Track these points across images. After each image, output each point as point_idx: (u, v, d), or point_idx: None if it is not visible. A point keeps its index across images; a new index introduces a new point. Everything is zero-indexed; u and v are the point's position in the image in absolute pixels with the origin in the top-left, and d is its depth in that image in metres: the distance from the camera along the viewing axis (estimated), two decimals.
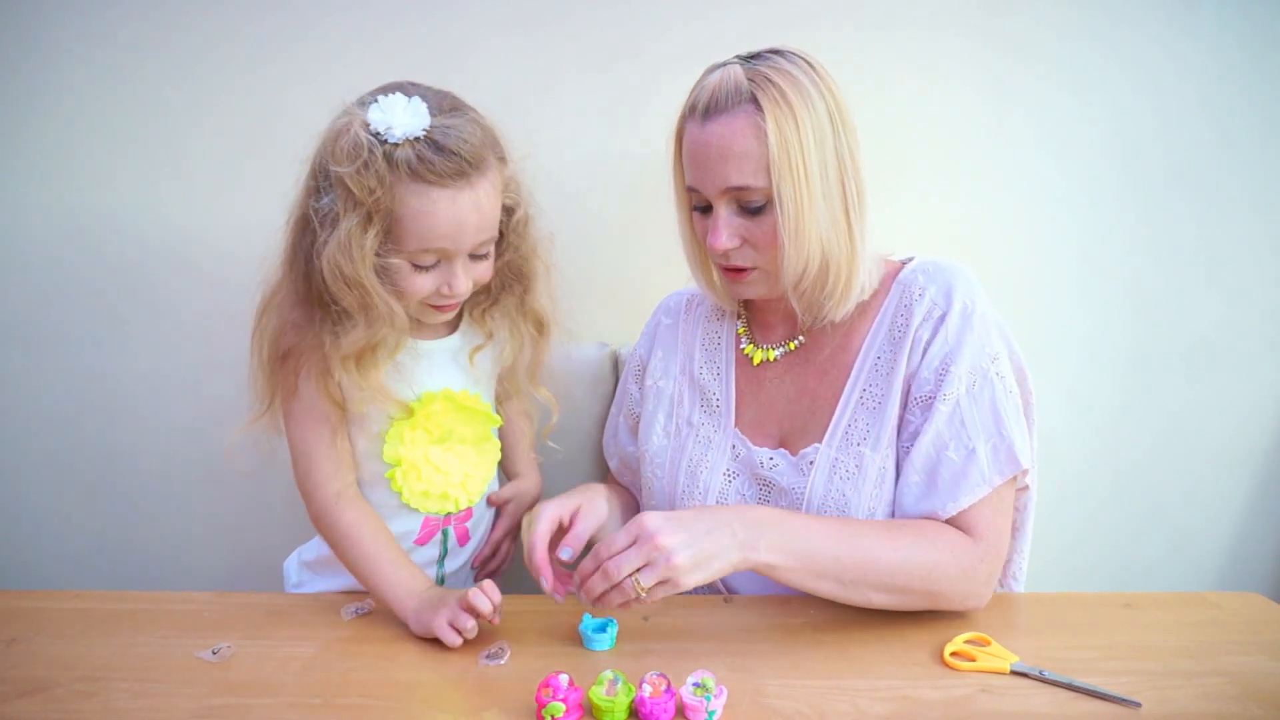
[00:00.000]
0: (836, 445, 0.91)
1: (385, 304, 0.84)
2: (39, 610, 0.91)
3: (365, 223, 0.80)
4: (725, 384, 1.01)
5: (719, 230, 0.88)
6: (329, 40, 1.23)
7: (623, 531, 0.76)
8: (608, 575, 0.75)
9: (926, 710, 0.71)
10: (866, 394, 0.92)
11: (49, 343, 1.32)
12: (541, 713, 0.69)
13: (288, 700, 0.74)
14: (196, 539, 1.37)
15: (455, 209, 0.82)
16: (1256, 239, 1.29)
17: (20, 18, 1.24)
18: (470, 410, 0.98)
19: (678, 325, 1.08)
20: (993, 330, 0.91)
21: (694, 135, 0.88)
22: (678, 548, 0.74)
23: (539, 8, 1.23)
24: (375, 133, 0.80)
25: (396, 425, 0.94)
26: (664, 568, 0.74)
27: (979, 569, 0.85)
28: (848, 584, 0.81)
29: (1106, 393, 1.34)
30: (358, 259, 0.81)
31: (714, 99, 0.86)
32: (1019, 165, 1.27)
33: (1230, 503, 1.38)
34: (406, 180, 0.80)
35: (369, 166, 0.79)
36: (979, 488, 0.86)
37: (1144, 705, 0.71)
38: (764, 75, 0.85)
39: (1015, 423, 0.88)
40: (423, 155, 0.80)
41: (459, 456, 0.98)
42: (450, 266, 0.86)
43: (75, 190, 1.28)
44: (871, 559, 0.81)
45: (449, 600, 0.83)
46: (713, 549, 0.76)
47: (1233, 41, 1.23)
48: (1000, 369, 0.89)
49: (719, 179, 0.86)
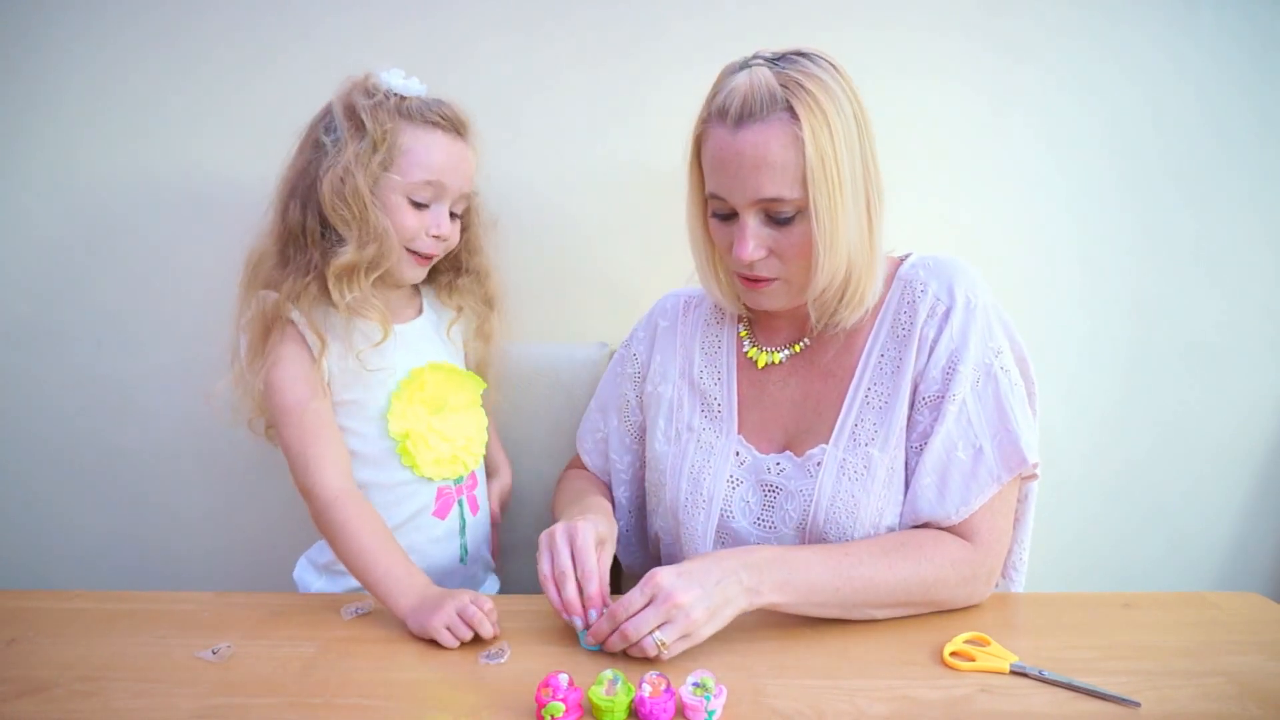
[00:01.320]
0: (844, 446, 0.91)
1: (377, 219, 0.93)
2: (39, 610, 0.91)
3: (371, 149, 0.92)
4: (727, 388, 1.00)
5: (746, 241, 0.86)
6: (328, 41, 1.23)
7: (637, 591, 0.77)
8: (626, 637, 0.76)
9: (926, 710, 0.71)
10: (872, 393, 0.92)
11: (49, 343, 1.32)
12: (541, 713, 0.69)
13: (288, 700, 0.74)
14: (197, 539, 1.37)
15: (452, 150, 0.97)
16: (1256, 239, 1.29)
17: (20, 18, 1.24)
18: (459, 376, 1.06)
19: (675, 328, 1.06)
20: (995, 323, 0.91)
21: (723, 142, 0.84)
22: (694, 604, 0.75)
23: (536, 7, 1.23)
24: (388, 87, 0.95)
25: (395, 403, 0.98)
26: (684, 624, 0.75)
27: (978, 573, 0.86)
28: (850, 608, 0.83)
29: (1106, 393, 1.34)
30: (360, 174, 0.91)
31: (746, 105, 0.82)
32: (1019, 165, 1.27)
33: (1230, 503, 1.38)
34: (417, 121, 0.95)
35: (382, 106, 0.93)
36: (989, 487, 0.86)
37: (1143, 705, 0.71)
38: (796, 81, 0.82)
39: (1021, 417, 0.88)
40: (429, 104, 0.96)
41: (457, 423, 1.05)
42: (439, 207, 0.98)
43: (75, 190, 1.28)
44: (872, 586, 0.82)
45: (447, 603, 0.83)
46: (722, 599, 0.77)
47: (1232, 41, 1.23)
48: (1004, 362, 0.89)
49: (751, 190, 0.84)
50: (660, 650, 0.75)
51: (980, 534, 0.87)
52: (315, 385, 0.95)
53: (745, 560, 0.80)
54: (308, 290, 0.93)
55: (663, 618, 0.75)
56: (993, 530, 0.88)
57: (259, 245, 0.98)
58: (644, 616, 0.75)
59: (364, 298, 0.94)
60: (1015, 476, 0.88)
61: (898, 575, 0.82)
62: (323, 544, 1.05)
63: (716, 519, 0.95)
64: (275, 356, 0.94)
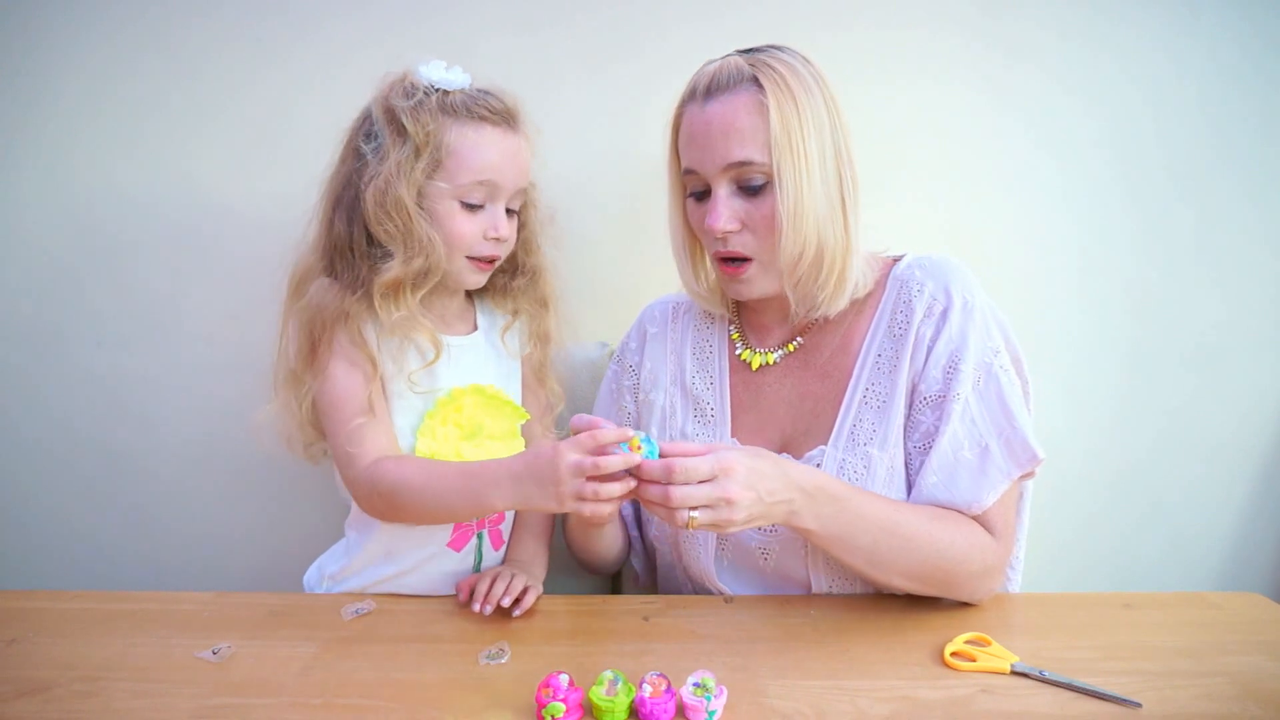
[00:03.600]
0: (843, 446, 0.91)
1: (424, 230, 0.88)
2: (39, 610, 0.90)
3: (415, 154, 0.87)
4: (719, 392, 0.99)
5: (718, 210, 0.87)
6: (332, 42, 1.23)
7: (705, 460, 0.75)
8: (669, 500, 0.73)
9: (926, 710, 0.71)
10: (870, 393, 0.92)
11: (49, 343, 1.32)
12: (541, 713, 0.69)
13: (288, 700, 0.74)
14: (197, 539, 1.37)
15: (505, 144, 0.91)
16: (1256, 239, 1.29)
17: (20, 18, 1.24)
18: (499, 404, 0.98)
19: (665, 334, 1.06)
20: (991, 323, 0.91)
21: (694, 115, 0.88)
22: (743, 504, 0.75)
23: (540, 8, 1.23)
24: (429, 82, 0.89)
25: (428, 421, 0.94)
26: (722, 516, 0.74)
27: (996, 566, 0.87)
28: (875, 564, 0.83)
29: (1106, 392, 1.34)
30: (404, 184, 0.86)
31: (715, 80, 0.87)
32: (1019, 165, 1.27)
33: (1230, 503, 1.38)
34: (462, 118, 0.89)
35: (423, 106, 0.87)
36: (1000, 483, 0.87)
37: (1144, 705, 0.71)
38: (764, 61, 0.87)
39: (1023, 414, 0.88)
40: (475, 97, 0.90)
41: (489, 452, 0.97)
42: (495, 207, 0.92)
43: (75, 190, 1.28)
44: (911, 544, 0.82)
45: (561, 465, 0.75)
46: (763, 511, 0.77)
47: (1233, 42, 1.23)
48: (1003, 362, 0.89)
49: (720, 155, 0.86)
50: (687, 525, 0.74)
51: (997, 528, 0.87)
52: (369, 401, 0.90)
53: (806, 482, 0.79)
54: (357, 306, 0.89)
55: (711, 501, 0.74)
56: (1008, 525, 0.89)
57: (303, 261, 0.94)
58: (697, 491, 0.74)
59: (410, 317, 0.89)
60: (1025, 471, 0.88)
61: (935, 540, 0.83)
62: (334, 552, 1.03)
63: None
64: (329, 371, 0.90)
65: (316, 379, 0.92)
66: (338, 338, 0.91)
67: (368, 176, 0.88)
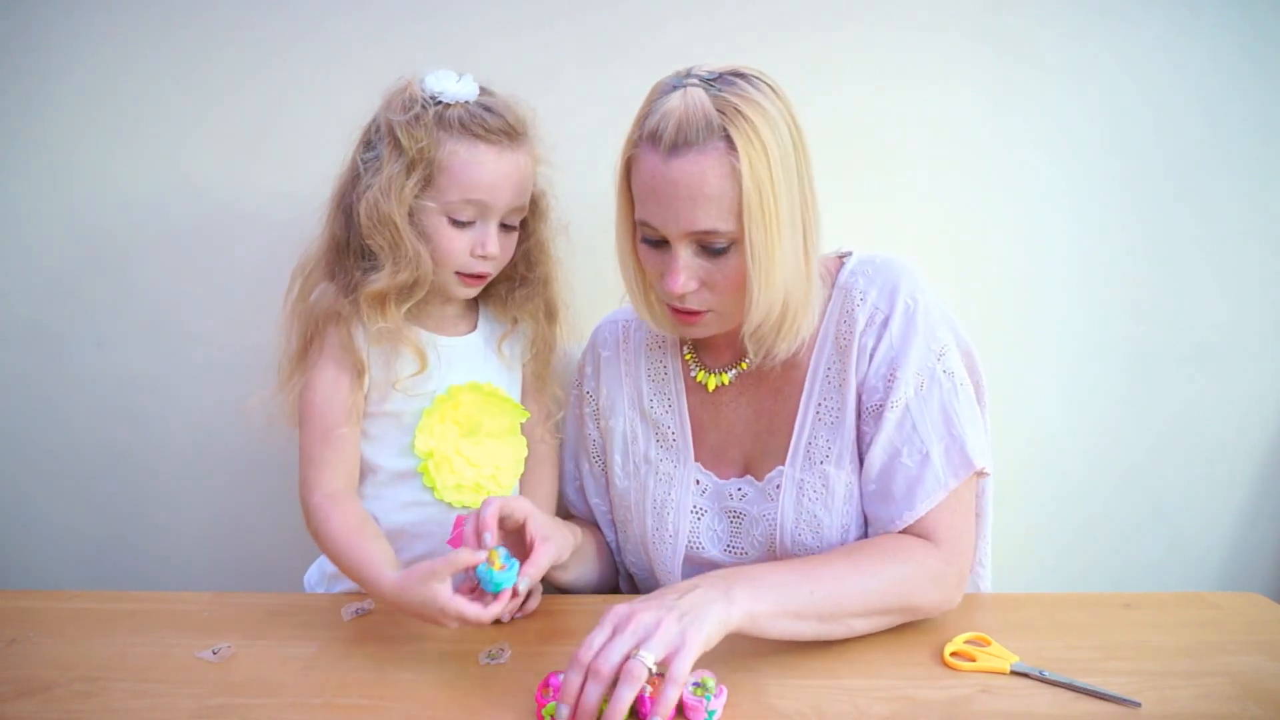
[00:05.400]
0: (800, 465, 0.90)
1: (412, 246, 0.88)
2: (39, 610, 0.91)
3: (407, 170, 0.87)
4: (678, 415, 0.98)
5: (677, 274, 0.82)
6: (332, 42, 1.23)
7: (596, 628, 0.69)
8: (600, 674, 0.65)
9: (926, 710, 0.71)
10: (823, 408, 0.90)
11: (49, 343, 1.32)
12: (541, 713, 0.69)
13: (288, 700, 0.74)
14: (197, 539, 1.37)
15: (499, 164, 0.89)
16: (1256, 239, 1.29)
17: (20, 18, 1.24)
18: (498, 402, 0.99)
19: (618, 358, 1.03)
20: (938, 323, 0.88)
21: (654, 169, 0.80)
22: (662, 615, 0.68)
23: (534, 9, 1.23)
24: (430, 94, 0.88)
25: (426, 419, 0.94)
26: (662, 637, 0.66)
27: (947, 572, 0.84)
28: (826, 618, 0.77)
29: (1106, 393, 1.33)
30: (394, 200, 0.86)
31: (681, 132, 0.78)
32: (1019, 165, 1.27)
33: (1230, 503, 1.38)
34: (457, 134, 0.88)
35: (419, 120, 0.87)
36: (936, 492, 0.85)
37: (1144, 705, 0.71)
38: (734, 106, 0.77)
39: (968, 420, 0.86)
40: (474, 113, 0.88)
41: (488, 450, 0.98)
42: (485, 226, 0.91)
43: (75, 190, 1.28)
44: (843, 588, 0.78)
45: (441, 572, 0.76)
46: (693, 605, 0.69)
47: (1233, 42, 1.23)
48: (948, 364, 0.87)
49: (685, 222, 0.80)
50: (650, 669, 0.66)
51: (939, 534, 0.85)
52: (350, 411, 0.92)
53: (706, 577, 0.75)
54: (349, 309, 0.90)
55: (634, 639, 0.67)
56: (951, 529, 0.86)
57: (308, 258, 0.95)
58: (612, 644, 0.66)
59: (393, 329, 0.90)
60: (964, 481, 0.86)
61: (864, 573, 0.80)
62: None
63: (683, 551, 0.95)
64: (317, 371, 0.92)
65: (304, 377, 0.93)
66: (329, 338, 0.92)
67: (363, 186, 0.88)
